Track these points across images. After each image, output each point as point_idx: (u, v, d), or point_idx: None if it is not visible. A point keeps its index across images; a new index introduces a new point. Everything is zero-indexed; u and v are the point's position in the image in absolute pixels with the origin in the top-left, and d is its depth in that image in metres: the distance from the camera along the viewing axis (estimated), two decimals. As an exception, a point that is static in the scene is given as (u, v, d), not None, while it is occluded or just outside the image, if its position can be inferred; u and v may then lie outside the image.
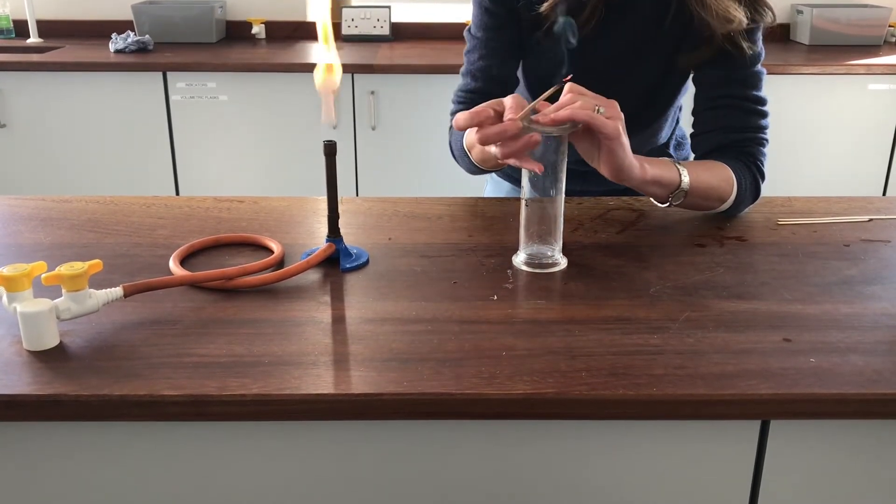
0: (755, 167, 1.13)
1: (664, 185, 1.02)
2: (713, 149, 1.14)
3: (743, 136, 1.14)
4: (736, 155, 1.12)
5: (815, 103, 2.82)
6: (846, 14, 3.10)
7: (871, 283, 0.92)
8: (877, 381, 0.72)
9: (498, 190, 1.45)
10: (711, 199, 1.08)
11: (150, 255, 0.98)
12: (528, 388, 0.71)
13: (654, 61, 1.20)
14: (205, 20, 3.05)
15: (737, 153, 1.13)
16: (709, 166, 1.09)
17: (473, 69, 1.22)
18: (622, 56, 1.20)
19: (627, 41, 1.18)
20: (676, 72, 1.21)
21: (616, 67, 1.21)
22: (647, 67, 1.21)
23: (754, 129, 1.14)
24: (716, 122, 1.14)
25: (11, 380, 0.71)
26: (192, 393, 0.70)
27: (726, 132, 1.14)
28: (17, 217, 1.11)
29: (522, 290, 0.90)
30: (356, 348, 0.77)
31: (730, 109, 1.14)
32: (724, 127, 1.14)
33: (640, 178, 0.97)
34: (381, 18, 3.19)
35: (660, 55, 1.19)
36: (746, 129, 1.14)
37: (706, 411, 0.71)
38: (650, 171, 0.99)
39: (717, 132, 1.14)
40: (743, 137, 1.13)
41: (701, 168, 1.07)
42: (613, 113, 0.92)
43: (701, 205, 1.09)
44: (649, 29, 1.16)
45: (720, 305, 0.86)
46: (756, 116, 1.14)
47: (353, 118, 2.79)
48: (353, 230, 1.07)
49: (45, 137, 2.81)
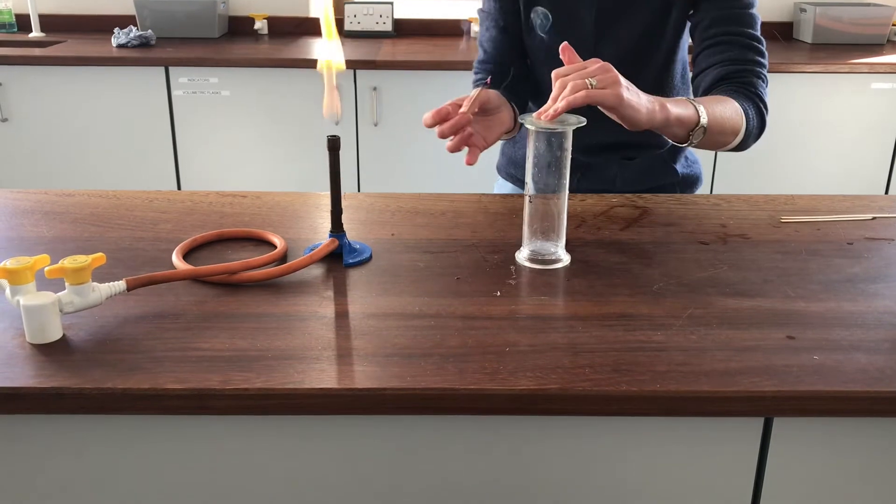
0: (757, 97, 1.14)
1: (684, 123, 1.02)
2: (714, 82, 1.15)
3: (742, 67, 1.14)
4: (737, 87, 1.13)
5: (818, 102, 2.81)
6: (849, 13, 3.10)
7: (875, 281, 0.92)
8: (880, 379, 0.72)
9: (503, 187, 1.46)
10: (726, 133, 1.08)
11: (152, 250, 0.98)
12: (532, 383, 0.71)
13: (649, 5, 1.19)
14: (207, 15, 3.05)
15: (738, 85, 1.14)
16: (718, 99, 1.09)
17: (484, 41, 1.26)
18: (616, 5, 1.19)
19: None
20: (676, 7, 1.19)
21: (615, 7, 1.20)
22: (647, 5, 1.20)
23: (752, 62, 1.15)
24: (714, 58, 1.16)
25: (14, 373, 0.71)
26: (196, 387, 0.69)
27: (725, 65, 1.15)
28: (19, 211, 1.11)
29: (525, 286, 0.90)
30: (359, 343, 0.77)
31: (727, 45, 1.15)
32: (722, 61, 1.15)
33: (663, 120, 0.98)
34: (384, 14, 3.19)
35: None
36: (745, 62, 1.15)
37: (709, 408, 0.71)
38: (672, 112, 0.99)
39: (716, 66, 1.16)
40: (742, 69, 1.14)
41: (713, 102, 1.07)
42: (605, 78, 0.91)
43: (717, 140, 1.09)
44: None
45: (723, 302, 0.86)
46: (753, 52, 1.15)
47: (356, 114, 2.78)
48: (356, 225, 1.07)
49: (46, 132, 2.81)
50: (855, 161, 2.90)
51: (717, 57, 1.15)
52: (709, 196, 1.21)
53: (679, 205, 1.17)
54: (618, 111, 0.92)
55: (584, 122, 0.91)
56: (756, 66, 1.15)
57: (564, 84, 0.90)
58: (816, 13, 3.08)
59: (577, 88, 0.89)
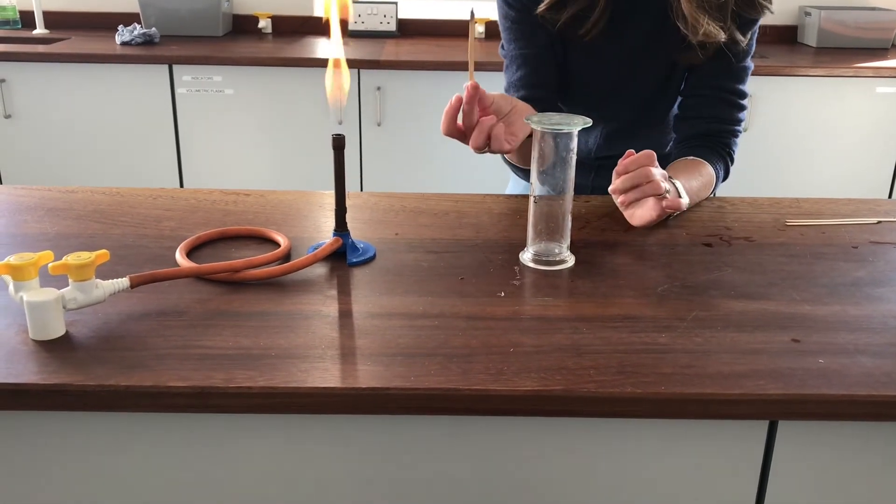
0: (729, 158, 1.23)
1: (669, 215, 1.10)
2: (695, 135, 1.22)
3: (724, 127, 1.22)
4: (714, 145, 1.21)
5: (823, 106, 2.81)
6: (854, 16, 3.09)
7: (880, 285, 0.92)
8: (886, 384, 0.72)
9: (515, 187, 1.45)
10: (695, 202, 1.16)
11: (156, 247, 0.98)
12: (536, 384, 0.70)
13: (661, 59, 1.22)
14: (211, 14, 3.05)
15: (715, 143, 1.21)
16: (696, 170, 1.15)
17: (513, 80, 1.23)
18: (632, 56, 1.20)
19: (636, 41, 1.18)
20: (679, 67, 1.24)
21: (626, 66, 1.21)
22: (655, 65, 1.23)
23: (735, 121, 1.23)
24: (702, 111, 1.22)
25: (17, 369, 0.71)
26: (198, 384, 0.69)
27: (709, 122, 1.22)
28: (22, 207, 1.11)
29: (530, 286, 0.90)
30: (363, 342, 0.77)
31: (717, 101, 1.22)
32: (708, 117, 1.22)
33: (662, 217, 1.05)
34: (388, 14, 3.18)
35: (665, 53, 1.21)
36: (729, 122, 1.23)
37: (714, 411, 0.71)
38: (666, 206, 1.05)
39: (702, 120, 1.22)
40: (724, 129, 1.22)
41: (692, 176, 1.13)
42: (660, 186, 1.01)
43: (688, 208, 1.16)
44: (655, 27, 1.18)
45: (728, 305, 0.86)
46: (737, 110, 1.23)
47: (359, 114, 2.78)
48: (360, 225, 1.06)
49: (50, 128, 2.81)
50: (859, 165, 2.90)
51: (705, 111, 1.23)
52: (713, 198, 1.21)
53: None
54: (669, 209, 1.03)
55: (591, 122, 0.90)
56: (736, 125, 1.24)
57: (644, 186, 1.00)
58: (821, 17, 3.07)
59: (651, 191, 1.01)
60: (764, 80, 2.74)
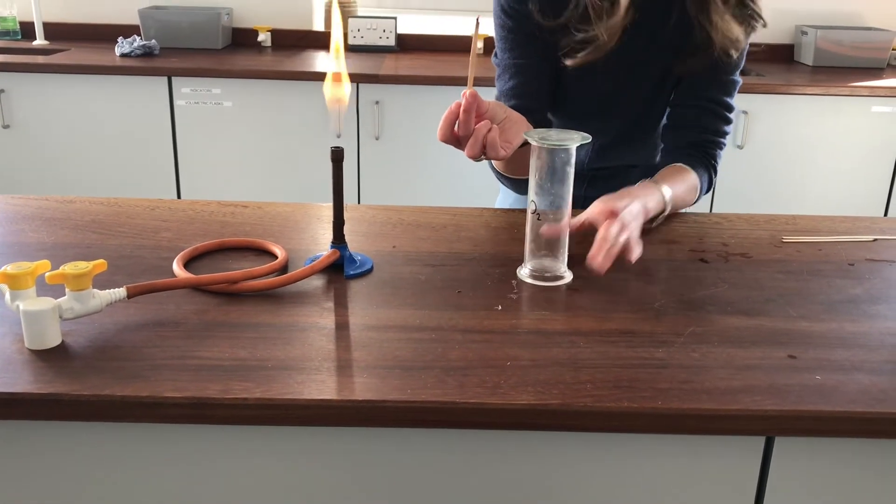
0: (713, 169, 1.24)
1: (655, 216, 1.11)
2: (683, 145, 1.24)
3: (711, 138, 1.24)
4: (701, 155, 1.23)
5: (819, 124, 2.82)
6: (850, 36, 3.11)
7: (876, 302, 0.92)
8: (882, 400, 0.72)
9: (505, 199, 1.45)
10: (680, 210, 1.18)
11: (153, 258, 0.98)
12: (533, 398, 0.70)
13: (654, 68, 1.23)
14: (211, 26, 3.06)
15: (702, 153, 1.23)
16: (680, 177, 1.17)
17: (505, 89, 1.23)
18: (626, 70, 1.21)
19: (630, 52, 1.19)
20: (671, 78, 1.25)
21: (620, 78, 1.22)
22: (647, 75, 1.24)
23: (721, 133, 1.24)
24: (691, 121, 1.23)
25: (13, 378, 0.71)
26: (195, 395, 0.69)
27: (698, 133, 1.23)
28: (20, 217, 1.10)
29: (527, 301, 0.90)
30: (359, 355, 0.77)
31: (706, 112, 1.23)
32: (697, 128, 1.23)
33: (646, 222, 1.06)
34: (388, 29, 3.20)
35: (659, 62, 1.22)
36: (716, 133, 1.24)
37: (711, 426, 0.71)
38: (651, 211, 1.07)
39: (690, 130, 1.24)
40: (711, 140, 1.23)
41: (676, 182, 1.14)
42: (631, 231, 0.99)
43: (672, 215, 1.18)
44: (650, 37, 1.19)
45: (725, 321, 0.86)
46: (725, 122, 1.24)
47: (357, 127, 2.79)
48: (358, 237, 1.06)
49: (48, 139, 2.81)
50: (855, 182, 2.91)
51: (693, 121, 1.24)
52: (710, 214, 1.21)
53: (681, 222, 1.17)
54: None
55: (590, 139, 0.91)
56: (722, 138, 1.24)
57: (608, 239, 0.96)
58: (818, 36, 3.09)
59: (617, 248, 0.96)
60: (761, 97, 2.75)
